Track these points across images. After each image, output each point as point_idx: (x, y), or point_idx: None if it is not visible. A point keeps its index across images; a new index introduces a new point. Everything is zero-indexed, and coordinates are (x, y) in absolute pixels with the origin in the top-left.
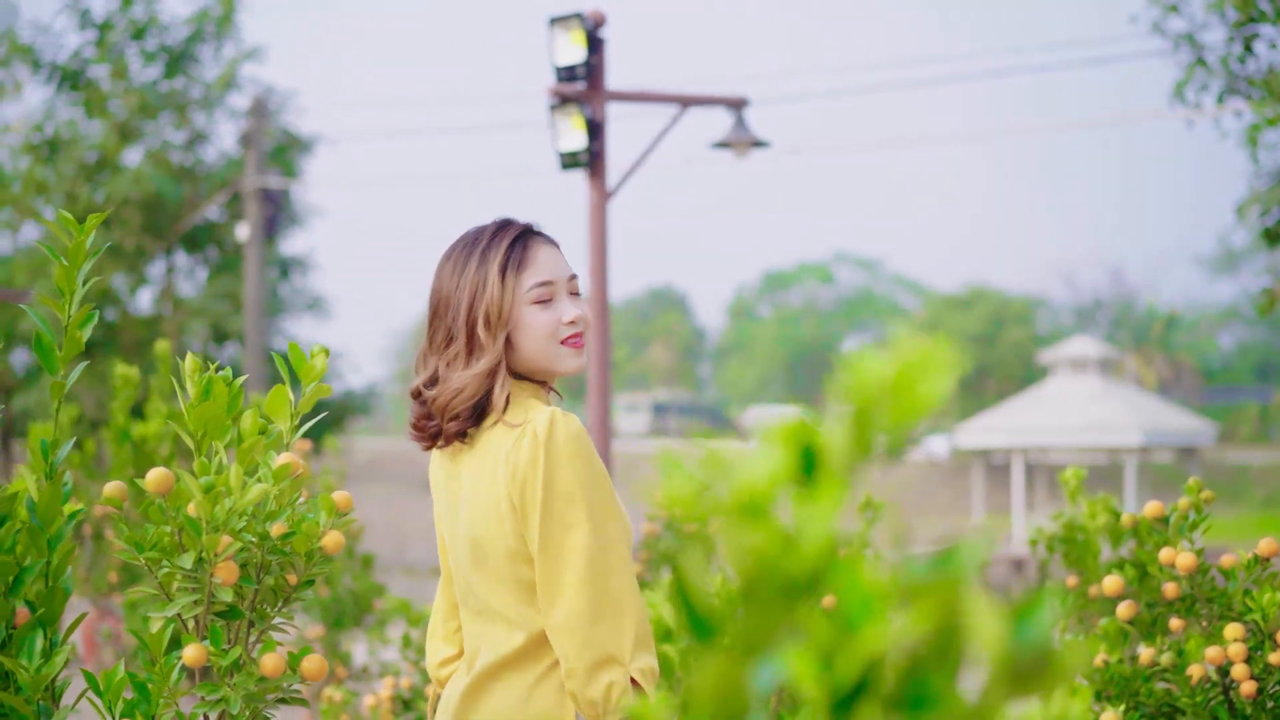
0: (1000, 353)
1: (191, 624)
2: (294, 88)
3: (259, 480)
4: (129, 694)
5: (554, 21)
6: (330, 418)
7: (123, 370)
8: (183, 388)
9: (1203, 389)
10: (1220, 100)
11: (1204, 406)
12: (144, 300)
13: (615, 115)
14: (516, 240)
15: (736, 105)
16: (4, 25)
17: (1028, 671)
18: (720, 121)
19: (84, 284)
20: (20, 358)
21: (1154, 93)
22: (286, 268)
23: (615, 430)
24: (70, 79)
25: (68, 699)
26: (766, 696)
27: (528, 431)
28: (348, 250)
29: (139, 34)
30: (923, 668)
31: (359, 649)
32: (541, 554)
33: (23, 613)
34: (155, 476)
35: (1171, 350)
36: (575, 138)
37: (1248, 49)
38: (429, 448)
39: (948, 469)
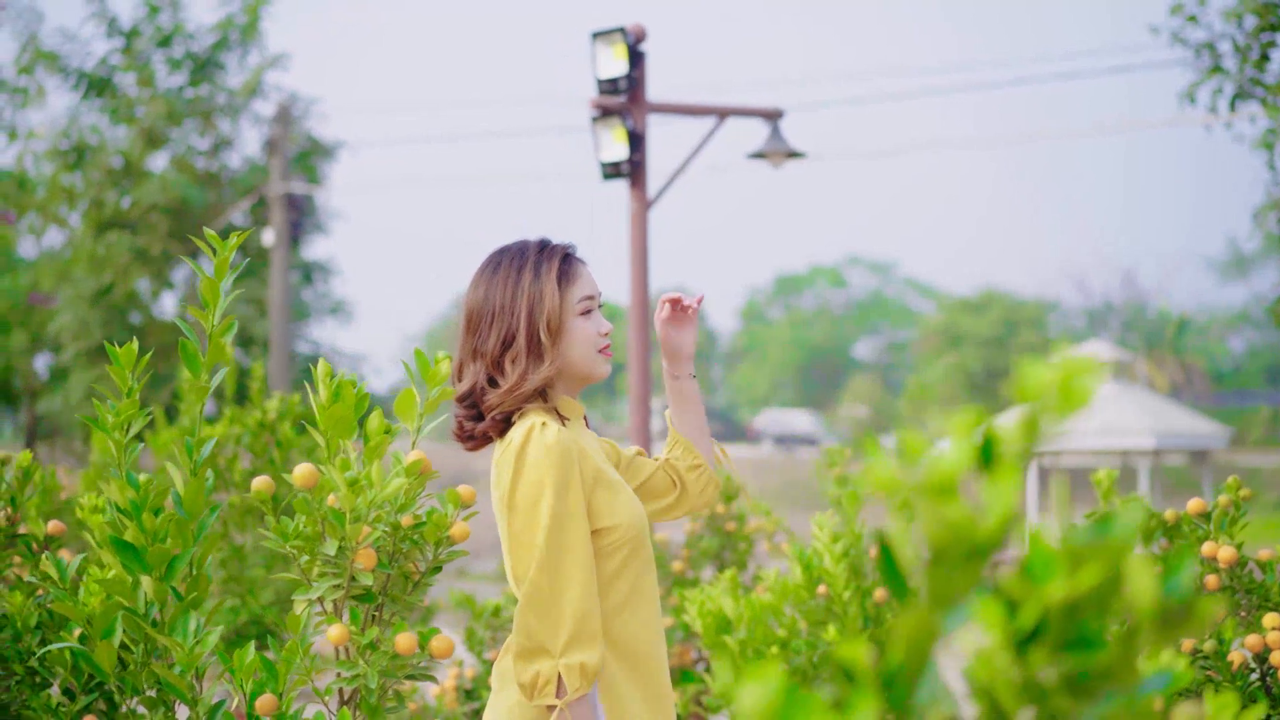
0: (1013, 355)
1: (330, 606)
2: (316, 94)
3: (396, 475)
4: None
5: (596, 36)
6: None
7: (189, 378)
8: (315, 391)
9: (1213, 392)
10: (1233, 105)
11: (1214, 410)
12: (167, 304)
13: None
14: (565, 257)
15: (772, 117)
16: (28, 32)
17: (1175, 619)
18: (748, 130)
19: (226, 295)
20: (45, 361)
21: (1164, 98)
22: (309, 272)
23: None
24: (97, 86)
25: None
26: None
27: (509, 442)
28: (357, 254)
29: (165, 41)
30: (1086, 616)
31: None
32: (508, 551)
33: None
34: (302, 472)
35: (1182, 354)
36: (617, 149)
37: (1264, 56)
38: (473, 448)
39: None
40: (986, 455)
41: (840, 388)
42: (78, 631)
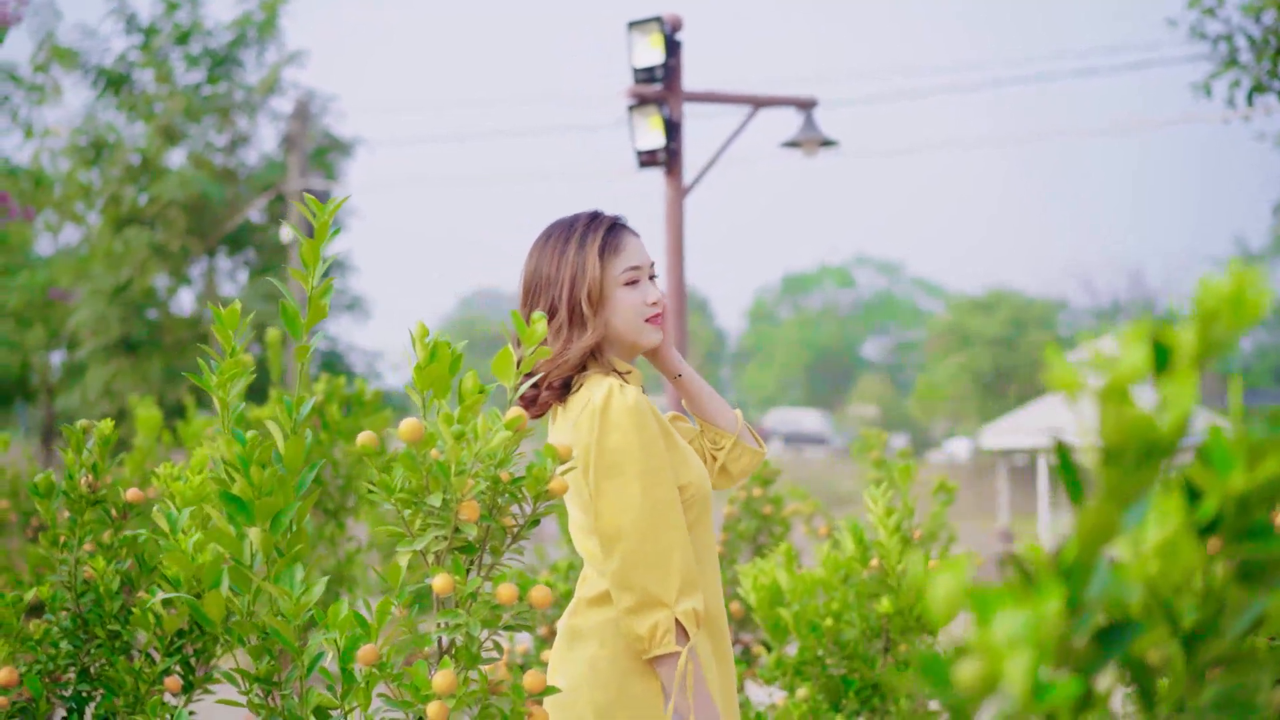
0: (1021, 355)
1: (431, 558)
2: (334, 92)
3: (499, 429)
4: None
5: (632, 25)
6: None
7: (242, 359)
8: (415, 350)
9: (1222, 391)
10: (1250, 99)
11: (1225, 409)
12: (184, 301)
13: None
14: (611, 229)
15: (806, 105)
16: (45, 30)
17: None
18: (770, 124)
19: (326, 258)
20: (61, 357)
21: (1173, 98)
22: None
23: None
24: (115, 83)
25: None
26: (1134, 529)
27: (588, 403)
28: (362, 252)
29: (183, 38)
30: (1259, 507)
31: None
32: (597, 511)
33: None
34: (408, 426)
35: None
36: (653, 137)
37: None
38: (536, 415)
39: (969, 471)
40: (1161, 360)
41: (849, 387)
42: (160, 594)
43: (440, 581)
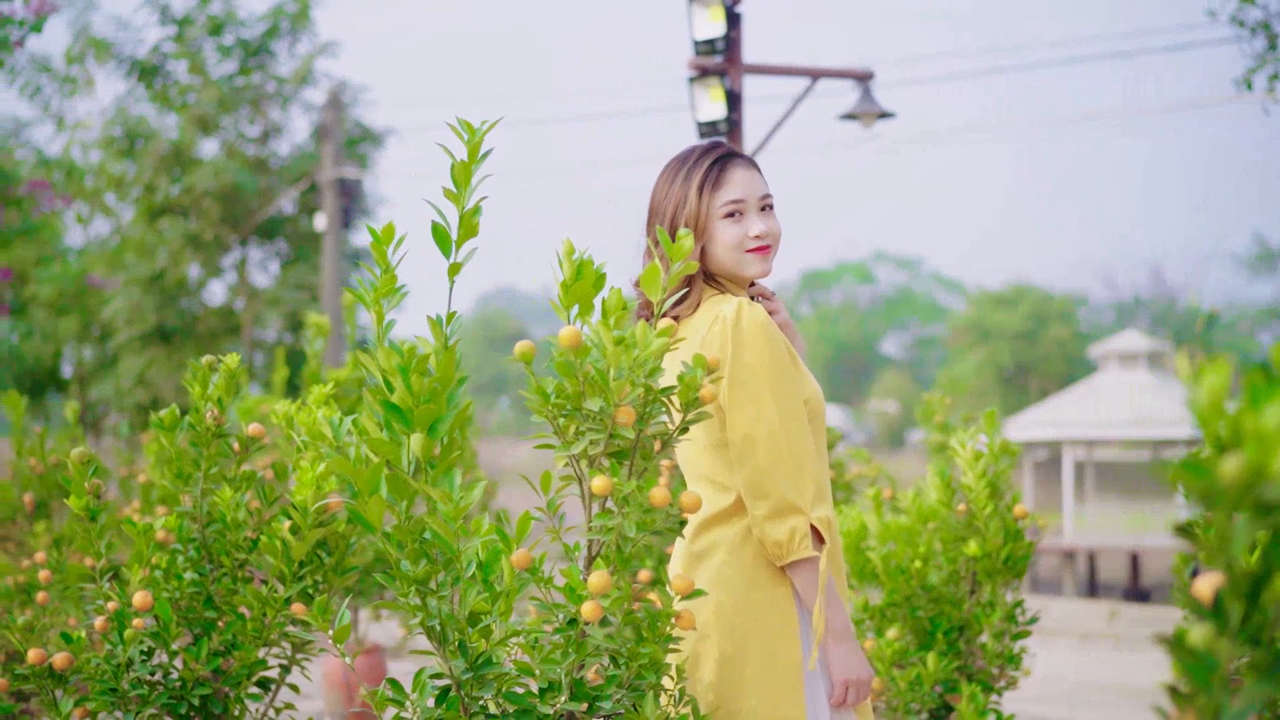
0: (1043, 350)
1: (584, 464)
2: (367, 82)
3: (657, 336)
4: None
5: None
6: None
7: (315, 319)
8: (561, 268)
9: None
10: None
11: None
12: (215, 291)
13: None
14: (716, 162)
15: (863, 78)
16: (81, 21)
17: None
18: (802, 110)
19: (478, 201)
20: (94, 348)
21: (1187, 87)
22: (358, 258)
23: None
24: (149, 74)
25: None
26: None
27: (719, 317)
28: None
29: (216, 29)
30: None
31: None
32: (731, 421)
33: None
34: (567, 333)
35: (1212, 348)
36: (714, 108)
37: None
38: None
39: None
40: None
41: (868, 383)
42: (287, 523)
43: (599, 482)
